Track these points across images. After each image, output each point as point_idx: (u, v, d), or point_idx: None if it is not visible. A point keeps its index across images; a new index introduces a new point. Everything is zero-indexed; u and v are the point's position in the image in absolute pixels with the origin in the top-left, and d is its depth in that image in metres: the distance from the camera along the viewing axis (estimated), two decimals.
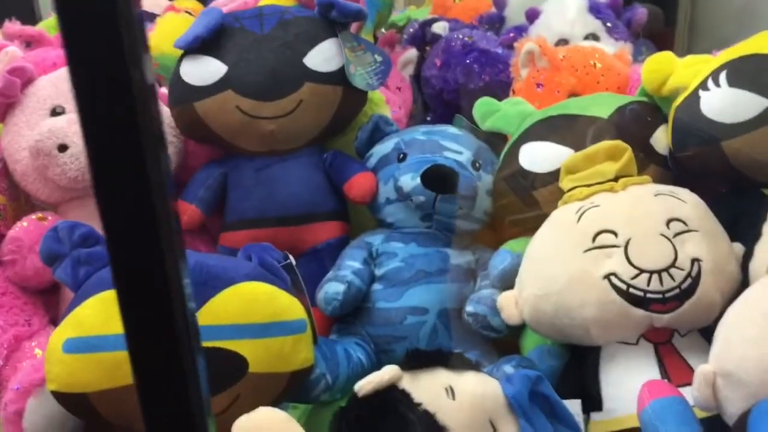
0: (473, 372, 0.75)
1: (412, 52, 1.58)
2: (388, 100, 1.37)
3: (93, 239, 0.84)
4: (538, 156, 1.07)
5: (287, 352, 0.83)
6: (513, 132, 1.15)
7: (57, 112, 1.11)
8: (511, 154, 1.11)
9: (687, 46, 1.79)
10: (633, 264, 0.85)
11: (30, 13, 2.20)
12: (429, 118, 1.54)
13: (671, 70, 1.04)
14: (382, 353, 1.05)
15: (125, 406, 0.76)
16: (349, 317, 1.07)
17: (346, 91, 1.14)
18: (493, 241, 1.11)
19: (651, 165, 1.03)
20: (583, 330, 0.88)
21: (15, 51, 1.22)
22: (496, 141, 1.19)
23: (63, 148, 1.04)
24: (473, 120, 1.21)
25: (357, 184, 1.13)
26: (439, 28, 1.57)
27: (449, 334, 1.04)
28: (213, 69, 1.10)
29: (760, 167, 0.94)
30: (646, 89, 1.08)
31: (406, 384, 0.71)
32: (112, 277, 0.33)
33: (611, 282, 0.85)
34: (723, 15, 1.77)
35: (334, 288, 1.03)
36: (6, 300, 1.03)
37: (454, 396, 0.71)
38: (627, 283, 0.85)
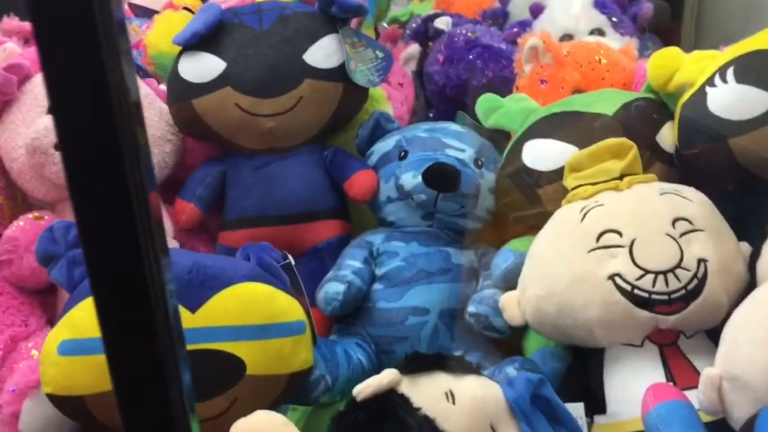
0: (474, 376, 0.74)
1: (414, 47, 1.57)
2: (389, 96, 1.35)
3: None
4: (541, 153, 1.06)
5: (286, 353, 0.82)
6: (516, 129, 1.13)
7: None
8: (515, 151, 1.09)
9: (694, 41, 1.76)
10: (638, 264, 0.84)
11: None
12: (431, 114, 1.53)
13: (677, 65, 1.02)
14: (382, 354, 1.04)
15: None
16: (350, 317, 1.06)
17: (346, 88, 1.13)
18: (496, 240, 1.10)
19: (657, 163, 1.02)
20: (587, 331, 0.87)
21: (13, 47, 1.20)
22: (499, 138, 1.17)
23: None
24: (476, 117, 1.20)
25: (358, 182, 1.11)
26: (442, 23, 1.55)
27: (451, 334, 1.03)
28: (211, 66, 1.09)
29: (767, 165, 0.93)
30: (651, 85, 1.07)
31: (405, 388, 0.70)
32: (88, 277, 0.32)
33: (615, 283, 0.84)
34: (730, 10, 1.75)
35: (334, 288, 1.02)
36: (2, 300, 1.03)
37: (454, 400, 0.70)
38: (631, 284, 0.83)
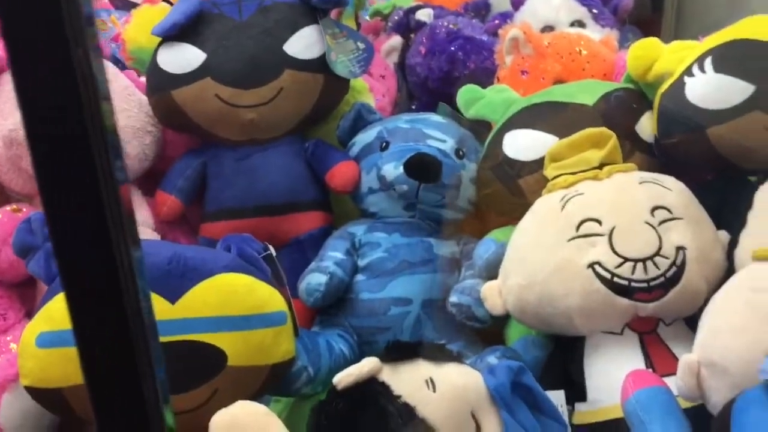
0: (454, 363, 0.74)
1: (396, 39, 1.57)
2: (371, 88, 1.35)
3: None
4: (522, 144, 1.06)
5: (267, 344, 0.82)
6: (497, 120, 1.13)
7: None
8: (496, 142, 1.09)
9: (674, 32, 1.77)
10: (617, 252, 0.84)
11: None
12: (414, 106, 1.53)
13: (656, 56, 1.03)
14: (365, 345, 1.04)
15: None
16: (332, 308, 1.06)
17: (327, 79, 1.12)
18: (478, 231, 1.10)
19: (636, 152, 1.02)
20: (567, 319, 0.87)
21: None
22: (480, 129, 1.17)
23: None
24: (457, 108, 1.20)
25: (339, 173, 1.11)
26: (424, 15, 1.55)
27: (433, 324, 1.03)
28: (191, 56, 1.09)
29: (745, 154, 0.93)
30: (631, 76, 1.07)
31: (386, 376, 0.70)
32: (59, 270, 0.32)
33: (595, 271, 0.84)
34: (710, 1, 1.76)
35: (316, 279, 1.02)
36: None
37: (434, 388, 0.70)
38: (611, 272, 0.84)
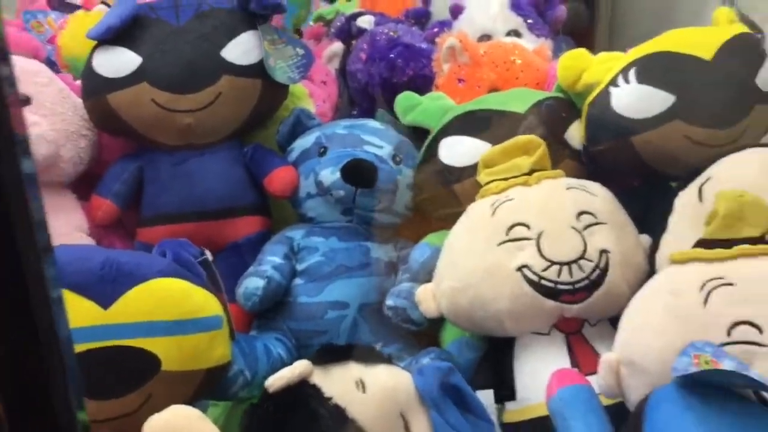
0: (385, 365, 0.75)
1: (337, 45, 1.58)
2: (312, 93, 1.36)
3: None
4: (457, 150, 1.08)
5: (202, 349, 0.82)
6: (434, 126, 1.15)
7: None
8: (432, 148, 1.11)
9: (608, 43, 1.83)
10: (544, 256, 0.86)
11: None
12: (355, 112, 1.53)
13: (585, 66, 1.06)
14: (303, 348, 1.05)
15: None
16: (270, 312, 1.07)
17: (265, 85, 1.13)
18: (416, 235, 1.12)
19: (566, 159, 1.05)
20: (497, 322, 0.89)
21: None
22: (417, 135, 1.19)
23: None
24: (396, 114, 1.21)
25: (277, 178, 1.12)
26: (365, 22, 1.56)
27: (370, 328, 1.05)
28: (127, 60, 1.08)
29: (667, 161, 0.97)
30: (561, 85, 1.10)
31: (317, 379, 0.71)
32: None
33: (524, 274, 0.87)
34: (642, 13, 1.82)
35: (253, 283, 1.02)
36: None
37: (364, 389, 0.71)
38: (539, 275, 0.86)
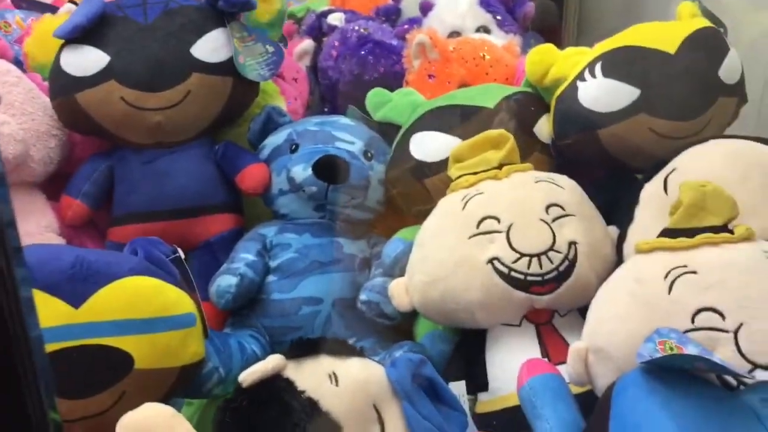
0: (357, 358, 0.76)
1: (308, 42, 1.58)
2: (283, 91, 1.36)
3: None
4: (427, 146, 1.09)
5: (175, 347, 0.82)
6: (404, 122, 1.16)
7: None
8: (402, 144, 1.12)
9: (575, 38, 1.85)
10: (514, 248, 0.88)
11: None
12: (326, 109, 1.54)
13: (552, 61, 1.07)
14: (277, 345, 1.05)
15: None
16: (244, 309, 1.07)
17: (236, 82, 1.12)
18: (389, 230, 1.13)
19: (534, 153, 1.07)
20: (469, 314, 0.91)
21: None
22: (388, 131, 1.20)
23: None
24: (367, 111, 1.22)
25: (249, 175, 1.12)
26: (335, 19, 1.56)
27: (344, 323, 1.05)
28: (94, 59, 1.07)
29: (633, 154, 0.99)
30: (529, 80, 1.12)
31: (290, 372, 0.72)
32: None
33: (494, 266, 0.88)
34: (609, 10, 1.84)
35: (226, 281, 1.02)
36: None
37: (337, 382, 0.72)
38: (509, 267, 0.87)
